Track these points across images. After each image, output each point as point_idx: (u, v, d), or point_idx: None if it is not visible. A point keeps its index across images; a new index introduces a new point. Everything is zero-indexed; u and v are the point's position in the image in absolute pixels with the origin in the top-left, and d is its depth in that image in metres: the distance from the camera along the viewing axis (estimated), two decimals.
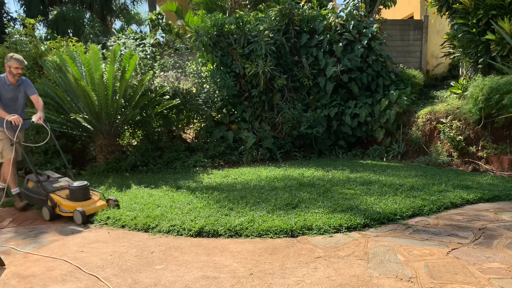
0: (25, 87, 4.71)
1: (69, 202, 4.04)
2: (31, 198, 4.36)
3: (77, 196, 4.08)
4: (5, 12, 15.02)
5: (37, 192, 4.25)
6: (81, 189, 4.12)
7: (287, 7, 8.38)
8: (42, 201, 4.21)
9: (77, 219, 3.93)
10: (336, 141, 8.26)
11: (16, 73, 4.48)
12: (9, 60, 4.50)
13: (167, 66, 8.12)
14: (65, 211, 4.02)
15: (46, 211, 4.10)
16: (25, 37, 7.25)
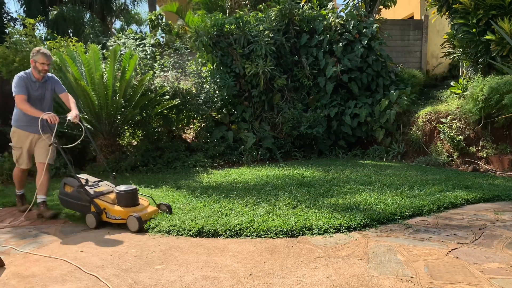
0: (53, 84, 4.33)
1: (119, 207, 3.73)
2: (70, 204, 3.99)
3: (126, 201, 3.77)
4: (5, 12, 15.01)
5: (78, 197, 3.88)
6: (131, 193, 3.81)
7: (287, 7, 8.38)
8: (84, 207, 3.87)
9: (133, 226, 3.63)
10: (336, 141, 8.26)
11: (42, 69, 4.11)
12: (35, 54, 4.10)
13: (167, 66, 8.12)
14: (114, 218, 3.72)
15: (91, 218, 3.76)
16: (25, 37, 7.24)
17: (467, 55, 7.38)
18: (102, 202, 3.81)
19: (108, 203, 3.79)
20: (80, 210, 3.97)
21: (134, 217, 3.62)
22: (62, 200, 4.06)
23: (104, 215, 3.77)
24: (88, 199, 3.82)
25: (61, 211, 4.26)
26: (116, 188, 3.86)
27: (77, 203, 3.91)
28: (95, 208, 3.79)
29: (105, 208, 3.76)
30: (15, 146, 4.31)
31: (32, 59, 4.12)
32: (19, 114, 4.20)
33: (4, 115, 7.37)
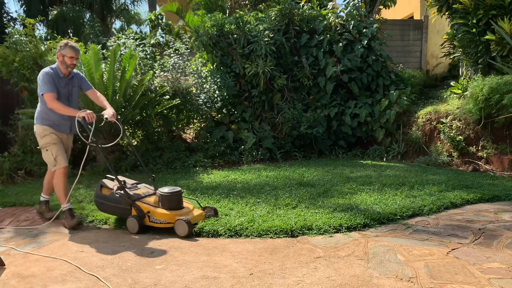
0: (79, 81, 4.01)
1: (165, 211, 3.52)
2: (108, 207, 3.74)
3: (171, 203, 3.55)
4: (5, 12, 15.01)
5: (117, 200, 3.63)
6: (176, 195, 3.59)
7: (287, 7, 8.37)
8: (123, 210, 3.63)
9: (182, 230, 3.41)
10: (336, 141, 8.26)
11: (70, 63, 3.79)
12: (63, 48, 3.78)
13: (167, 66, 8.12)
14: (159, 222, 3.50)
15: (133, 223, 3.53)
16: (25, 37, 7.24)
17: (467, 55, 7.38)
18: (144, 205, 3.57)
19: (152, 206, 3.56)
20: (119, 213, 3.73)
21: (183, 221, 3.39)
22: (98, 203, 3.80)
23: (147, 219, 3.54)
24: (129, 202, 3.58)
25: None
26: (159, 190, 3.64)
27: (116, 206, 3.66)
28: (136, 211, 3.55)
29: (149, 212, 3.53)
30: (47, 144, 3.82)
31: (60, 53, 3.79)
32: (47, 112, 3.82)
33: (5, 115, 7.38)
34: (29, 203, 4.69)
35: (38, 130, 3.85)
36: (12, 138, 7.05)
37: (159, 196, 3.60)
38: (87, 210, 4.22)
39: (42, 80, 3.73)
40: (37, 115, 3.87)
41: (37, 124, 3.85)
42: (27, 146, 6.58)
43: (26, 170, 6.49)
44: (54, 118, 3.83)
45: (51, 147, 3.81)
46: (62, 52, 3.79)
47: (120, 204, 3.63)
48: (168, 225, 3.48)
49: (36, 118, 3.87)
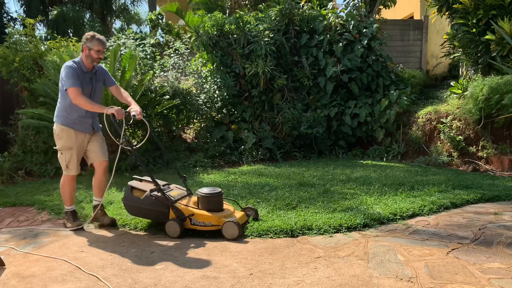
0: (103, 76, 3.75)
1: (209, 213, 3.35)
2: (142, 211, 3.50)
3: (214, 205, 3.40)
4: (5, 12, 15.01)
5: (153, 203, 3.40)
6: (218, 196, 3.43)
7: (287, 7, 8.37)
8: (160, 214, 3.43)
9: (231, 233, 3.25)
10: (336, 141, 8.26)
11: (97, 57, 3.55)
12: (90, 40, 3.52)
13: (167, 66, 8.12)
14: (203, 224, 3.32)
15: (174, 226, 3.32)
16: (25, 37, 7.24)
17: (467, 55, 7.38)
18: (186, 208, 3.39)
19: (194, 208, 3.39)
20: (154, 217, 3.53)
21: (233, 223, 3.23)
22: (130, 207, 3.55)
23: (188, 221, 3.35)
24: (167, 205, 3.38)
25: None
26: (199, 190, 3.48)
27: (152, 210, 3.42)
28: (176, 214, 3.35)
29: (193, 214, 3.34)
30: (63, 147, 3.63)
31: (86, 46, 3.53)
32: (67, 110, 3.57)
33: (5, 115, 7.38)
34: (29, 203, 4.68)
35: (57, 129, 3.63)
36: (12, 138, 7.05)
37: (199, 197, 3.43)
38: (87, 210, 4.22)
39: (66, 74, 3.44)
40: (57, 113, 3.63)
41: (57, 123, 3.63)
42: (27, 146, 6.58)
43: (26, 170, 6.49)
44: (74, 116, 3.58)
45: (66, 152, 3.62)
46: (88, 45, 3.53)
47: (157, 207, 3.41)
48: (214, 227, 3.31)
49: (56, 116, 3.64)
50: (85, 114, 3.60)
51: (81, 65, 3.56)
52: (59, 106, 3.62)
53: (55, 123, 3.64)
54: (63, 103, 3.58)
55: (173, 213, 3.38)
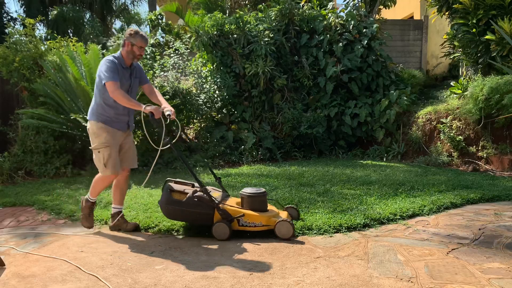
0: (139, 73, 3.63)
1: (259, 213, 3.28)
2: (184, 214, 3.36)
3: (260, 205, 3.34)
4: (5, 12, 15.03)
5: (197, 205, 3.30)
6: (263, 196, 3.37)
7: (287, 7, 8.37)
8: (204, 216, 3.32)
9: (286, 232, 3.22)
10: (336, 141, 8.26)
11: (138, 54, 3.45)
12: (134, 36, 3.41)
13: (167, 66, 8.12)
14: (253, 225, 3.26)
15: (223, 228, 3.24)
16: (25, 37, 7.25)
17: (467, 55, 7.38)
18: (232, 208, 3.30)
19: (244, 209, 3.30)
20: (198, 220, 3.39)
21: (287, 222, 3.20)
22: (170, 210, 3.38)
23: (235, 223, 3.27)
24: (212, 206, 3.29)
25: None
26: (243, 190, 3.42)
27: (196, 212, 3.31)
28: (222, 216, 3.26)
29: (243, 215, 3.26)
30: (101, 145, 3.43)
31: (129, 41, 3.42)
32: (104, 106, 3.43)
33: (5, 115, 7.38)
34: (29, 203, 4.68)
35: (92, 127, 3.46)
36: (12, 138, 7.05)
37: (245, 197, 3.37)
38: None
39: (107, 68, 3.31)
40: (92, 110, 3.48)
41: (92, 120, 3.46)
42: (27, 146, 6.58)
43: (26, 170, 6.49)
44: (110, 113, 3.43)
45: (103, 150, 3.42)
46: (131, 41, 3.41)
47: (201, 209, 3.30)
48: (264, 227, 3.25)
49: (90, 114, 3.49)
50: (122, 111, 3.47)
51: (121, 61, 3.44)
52: (95, 103, 3.47)
53: (89, 120, 3.48)
54: (100, 100, 3.43)
55: (219, 215, 3.28)
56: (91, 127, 3.47)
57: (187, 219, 3.47)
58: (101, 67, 3.36)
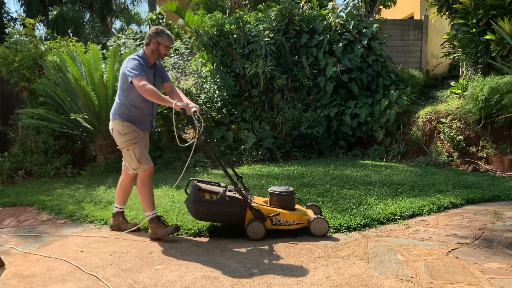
0: (161, 72, 3.54)
1: (291, 211, 3.28)
2: (215, 214, 3.25)
3: (289, 203, 3.33)
4: (5, 12, 15.03)
5: (229, 205, 3.22)
6: (293, 195, 3.37)
7: (287, 7, 8.38)
8: (236, 216, 3.24)
9: (322, 229, 3.22)
10: (336, 141, 8.26)
11: (164, 53, 3.37)
12: (160, 34, 3.32)
13: (167, 66, 8.12)
14: (287, 224, 3.24)
15: (258, 228, 3.18)
16: (25, 37, 7.25)
17: (467, 55, 7.38)
18: (266, 207, 3.26)
19: (278, 208, 3.26)
20: (229, 220, 3.31)
21: (322, 219, 3.21)
22: (199, 210, 3.26)
23: (268, 222, 3.22)
24: (245, 206, 3.22)
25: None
26: (272, 189, 3.39)
27: (227, 212, 3.22)
28: (255, 215, 3.19)
29: (278, 214, 3.21)
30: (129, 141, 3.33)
31: (155, 40, 3.31)
32: (129, 107, 3.34)
33: (5, 115, 7.39)
34: (29, 203, 4.68)
35: (117, 126, 3.36)
36: (12, 138, 7.06)
37: (275, 195, 3.34)
38: (87, 210, 4.22)
39: (132, 66, 3.21)
40: (116, 110, 3.39)
41: (116, 120, 3.37)
42: (27, 146, 6.59)
43: (26, 170, 6.49)
44: (136, 113, 3.36)
45: (133, 146, 3.31)
46: (158, 40, 3.31)
47: (233, 208, 3.22)
48: (298, 225, 3.25)
49: (113, 114, 3.40)
50: (147, 111, 3.41)
51: (145, 60, 3.34)
52: (119, 102, 3.37)
53: (113, 120, 3.39)
54: (124, 100, 3.34)
55: (251, 214, 3.20)
56: (115, 127, 3.38)
57: (217, 219, 3.37)
58: (125, 65, 3.25)
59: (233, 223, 3.34)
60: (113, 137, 3.47)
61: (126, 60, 3.30)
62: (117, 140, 3.41)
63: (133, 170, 3.42)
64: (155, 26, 3.42)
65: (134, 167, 3.38)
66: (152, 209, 3.36)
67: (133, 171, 3.42)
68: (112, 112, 3.43)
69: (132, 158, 3.34)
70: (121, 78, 3.35)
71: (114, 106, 3.44)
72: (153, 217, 3.34)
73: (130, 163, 3.38)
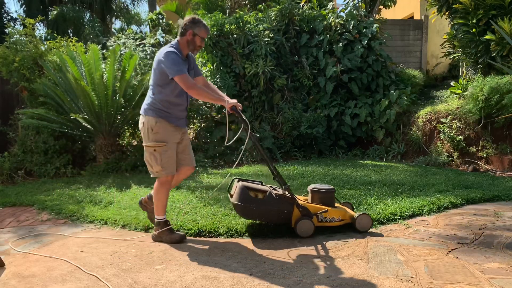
0: (194, 63, 3.32)
1: (336, 209, 3.33)
2: (265, 213, 3.24)
3: (331, 200, 3.38)
4: (5, 12, 15.04)
5: (278, 202, 3.21)
6: (334, 192, 3.43)
7: (287, 7, 8.38)
8: (283, 213, 3.24)
9: (366, 224, 3.32)
10: (336, 141, 8.26)
11: (199, 45, 3.17)
12: (198, 24, 3.13)
13: None
14: (333, 220, 3.29)
15: (308, 225, 3.21)
16: (25, 37, 7.25)
17: (467, 55, 7.38)
18: (312, 205, 3.30)
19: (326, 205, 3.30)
20: (277, 218, 3.30)
21: (367, 215, 3.32)
22: (249, 209, 3.21)
23: (315, 219, 3.25)
24: (292, 203, 3.23)
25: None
26: (315, 187, 3.42)
27: (276, 210, 3.22)
28: (302, 213, 3.22)
29: (326, 211, 3.25)
30: (158, 142, 3.14)
31: (191, 31, 3.11)
32: (165, 103, 3.13)
33: (5, 115, 7.39)
34: (29, 203, 4.68)
35: (150, 122, 3.13)
36: (12, 138, 7.06)
37: (318, 193, 3.37)
38: (87, 210, 4.22)
39: (172, 61, 3.01)
40: (150, 105, 3.16)
41: (149, 116, 3.14)
42: (27, 146, 6.59)
43: (26, 170, 6.49)
44: (172, 110, 3.16)
45: (160, 149, 3.13)
46: (194, 30, 3.11)
47: (281, 206, 3.22)
48: (342, 222, 3.32)
49: (146, 110, 3.17)
50: (182, 107, 3.21)
51: (180, 51, 3.11)
52: (154, 98, 3.15)
53: (145, 116, 3.17)
54: (161, 96, 3.12)
55: (298, 212, 3.22)
56: (148, 123, 3.14)
57: (265, 218, 3.34)
58: (164, 60, 3.04)
59: (280, 221, 3.33)
60: (141, 133, 3.25)
61: (165, 54, 3.05)
62: (145, 137, 3.19)
63: (154, 173, 3.21)
64: (191, 15, 3.22)
65: (156, 170, 3.17)
66: (164, 214, 3.27)
67: (154, 174, 3.21)
68: (145, 108, 3.20)
69: (156, 161, 3.14)
70: (156, 72, 3.12)
71: (146, 101, 3.21)
72: (162, 221, 3.27)
73: (153, 165, 3.17)
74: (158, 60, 3.10)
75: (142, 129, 3.22)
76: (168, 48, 3.10)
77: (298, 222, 3.20)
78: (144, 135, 3.19)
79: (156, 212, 3.28)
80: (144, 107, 3.22)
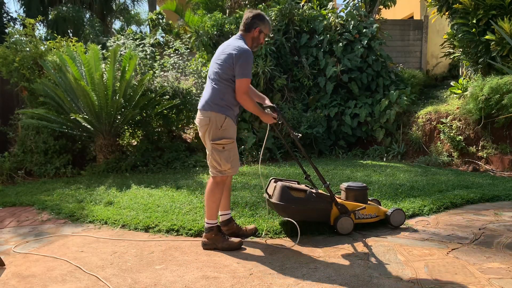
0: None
1: (370, 205, 3.39)
2: (305, 212, 3.25)
3: (364, 198, 3.43)
4: (5, 12, 15.05)
5: (317, 201, 3.25)
6: (367, 189, 3.47)
7: (287, 7, 8.38)
8: (323, 212, 3.26)
9: (400, 219, 3.40)
10: (336, 141, 8.26)
11: (262, 42, 3.04)
12: (264, 21, 2.99)
13: (167, 66, 8.12)
14: (369, 217, 3.36)
15: (348, 222, 3.25)
16: (25, 37, 7.25)
17: (467, 55, 7.38)
18: (350, 203, 3.33)
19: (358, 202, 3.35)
20: (317, 216, 3.31)
21: (401, 210, 3.40)
22: (291, 209, 3.20)
23: (353, 216, 3.30)
24: (331, 201, 3.26)
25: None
26: (345, 185, 3.48)
27: (316, 209, 3.24)
28: (340, 211, 3.25)
29: (364, 208, 3.31)
30: (228, 140, 2.99)
31: (258, 28, 2.96)
32: (232, 101, 2.97)
33: (5, 115, 7.39)
34: (29, 203, 4.69)
35: (219, 119, 2.93)
36: (12, 138, 7.06)
37: (352, 191, 3.42)
38: (87, 210, 4.22)
39: (248, 63, 2.86)
40: (217, 101, 2.94)
41: (216, 113, 2.92)
42: (27, 146, 6.59)
43: (26, 170, 6.50)
44: (236, 109, 3.03)
45: (230, 145, 2.97)
46: (261, 27, 2.96)
47: (321, 205, 3.25)
48: (376, 219, 3.40)
49: (211, 105, 2.94)
50: (239, 106, 3.07)
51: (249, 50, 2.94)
52: (223, 96, 2.95)
53: (212, 112, 2.93)
54: (231, 94, 2.95)
55: (337, 210, 3.26)
56: (216, 120, 2.92)
57: (306, 217, 3.32)
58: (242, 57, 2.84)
59: (319, 219, 3.35)
60: (202, 130, 3.01)
61: (244, 51, 2.87)
62: (212, 134, 2.95)
63: (216, 173, 3.01)
64: (256, 11, 3.01)
65: (224, 168, 2.98)
66: (216, 218, 3.07)
67: (216, 173, 3.01)
68: (209, 103, 2.95)
69: (226, 159, 2.96)
70: (225, 66, 2.90)
71: (209, 95, 2.97)
72: (214, 226, 3.06)
73: (221, 164, 2.97)
74: (231, 54, 2.87)
75: (205, 126, 2.97)
76: (242, 44, 2.91)
77: (337, 219, 3.25)
78: (209, 133, 2.97)
79: (209, 216, 3.05)
80: (207, 103, 2.96)
